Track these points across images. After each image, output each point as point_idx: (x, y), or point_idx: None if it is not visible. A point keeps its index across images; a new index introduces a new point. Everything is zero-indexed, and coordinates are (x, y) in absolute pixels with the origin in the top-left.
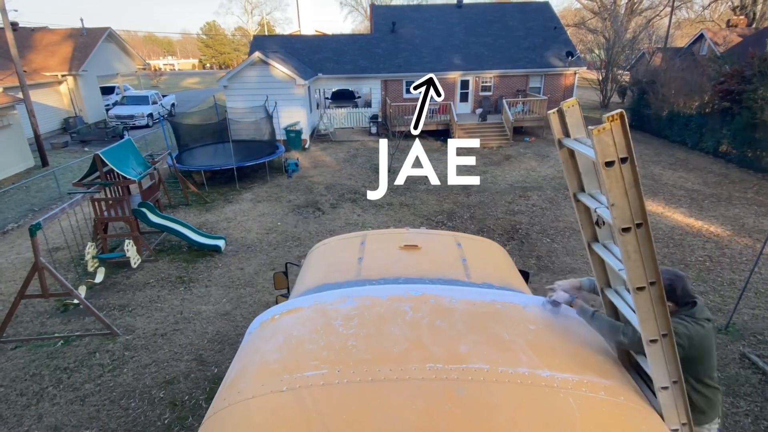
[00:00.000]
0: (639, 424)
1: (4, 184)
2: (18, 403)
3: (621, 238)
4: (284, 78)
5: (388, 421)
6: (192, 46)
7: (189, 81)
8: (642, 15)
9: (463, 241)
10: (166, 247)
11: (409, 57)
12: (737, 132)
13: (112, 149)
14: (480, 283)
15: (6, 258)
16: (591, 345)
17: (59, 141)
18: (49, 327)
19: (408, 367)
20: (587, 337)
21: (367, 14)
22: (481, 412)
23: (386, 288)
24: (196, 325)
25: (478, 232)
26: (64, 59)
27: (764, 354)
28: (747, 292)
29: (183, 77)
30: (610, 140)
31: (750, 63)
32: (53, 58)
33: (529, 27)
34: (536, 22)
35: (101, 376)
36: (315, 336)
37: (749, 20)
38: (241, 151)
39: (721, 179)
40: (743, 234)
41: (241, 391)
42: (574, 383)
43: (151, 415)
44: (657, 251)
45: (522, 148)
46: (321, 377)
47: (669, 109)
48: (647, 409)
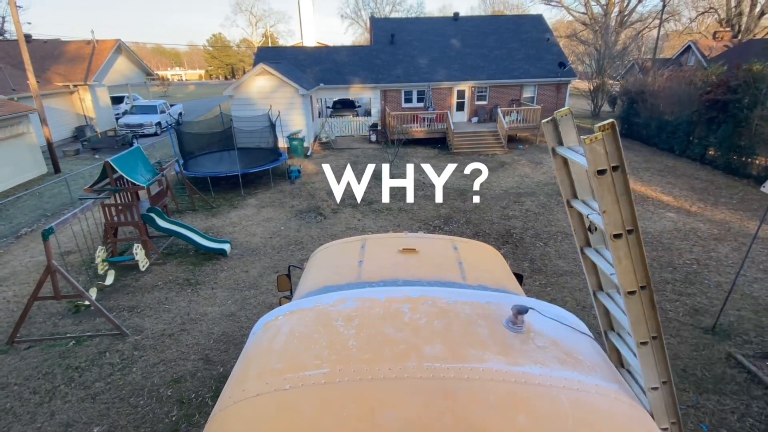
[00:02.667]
0: (630, 421)
1: (18, 190)
2: (31, 401)
3: (612, 243)
4: (287, 88)
5: (387, 418)
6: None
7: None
8: (632, 27)
9: (460, 244)
10: (174, 250)
11: (408, 68)
12: (723, 140)
13: (122, 157)
14: (475, 285)
15: (20, 261)
16: (583, 345)
17: (71, 149)
18: (61, 327)
19: (406, 366)
20: (579, 338)
21: (367, 27)
22: (477, 410)
23: (385, 290)
24: (202, 325)
25: (474, 236)
26: (76, 70)
27: (749, 353)
28: (733, 294)
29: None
30: (601, 149)
31: (735, 74)
32: (65, 69)
33: (523, 39)
34: (530, 34)
35: (111, 375)
36: (317, 336)
37: (734, 32)
38: (245, 159)
39: (708, 185)
40: (729, 238)
41: (246, 389)
42: (566, 381)
43: (159, 412)
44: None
45: (516, 155)
46: (323, 376)
47: (658, 118)
48: (638, 407)
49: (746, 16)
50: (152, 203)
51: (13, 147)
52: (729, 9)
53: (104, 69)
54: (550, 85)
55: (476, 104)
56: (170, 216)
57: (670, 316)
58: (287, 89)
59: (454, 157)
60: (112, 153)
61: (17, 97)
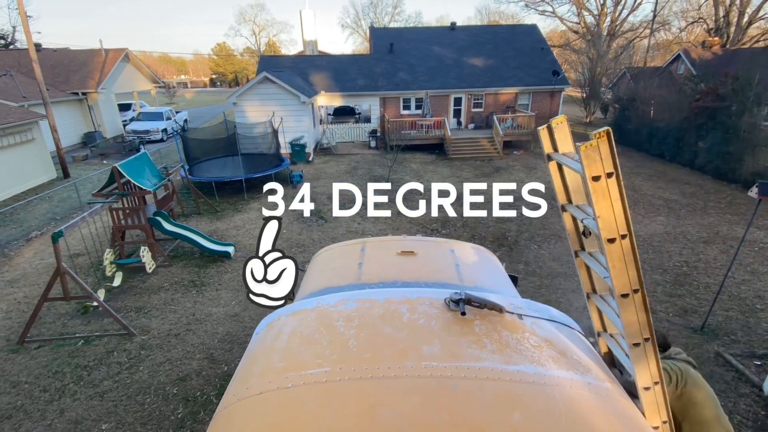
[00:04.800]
0: (622, 419)
1: (29, 194)
2: (41, 399)
3: (606, 247)
4: (289, 95)
5: (386, 415)
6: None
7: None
8: (623, 36)
9: (456, 247)
10: (179, 253)
11: (406, 76)
12: (712, 146)
13: (129, 162)
14: (472, 287)
15: (30, 263)
16: (576, 345)
17: (80, 154)
18: (71, 328)
19: (405, 364)
20: (572, 338)
21: (367, 36)
22: (473, 407)
23: (385, 291)
24: (207, 326)
25: (470, 239)
26: (85, 78)
27: (737, 353)
28: (721, 295)
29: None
30: (597, 156)
31: (724, 82)
32: (74, 77)
33: (518, 48)
34: (524, 44)
35: (119, 374)
36: (318, 336)
37: (723, 42)
38: (249, 164)
39: (697, 190)
40: (718, 241)
41: (250, 387)
42: (559, 380)
43: (165, 410)
44: None
45: (511, 160)
46: (324, 375)
47: (648, 125)
48: (629, 406)
49: (734, 25)
50: (158, 207)
51: (24, 153)
52: (717, 19)
53: (112, 77)
54: (544, 92)
55: (473, 111)
56: (176, 219)
57: (661, 316)
58: (289, 97)
59: (451, 162)
60: (120, 158)
61: (28, 104)
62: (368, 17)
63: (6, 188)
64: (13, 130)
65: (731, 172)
